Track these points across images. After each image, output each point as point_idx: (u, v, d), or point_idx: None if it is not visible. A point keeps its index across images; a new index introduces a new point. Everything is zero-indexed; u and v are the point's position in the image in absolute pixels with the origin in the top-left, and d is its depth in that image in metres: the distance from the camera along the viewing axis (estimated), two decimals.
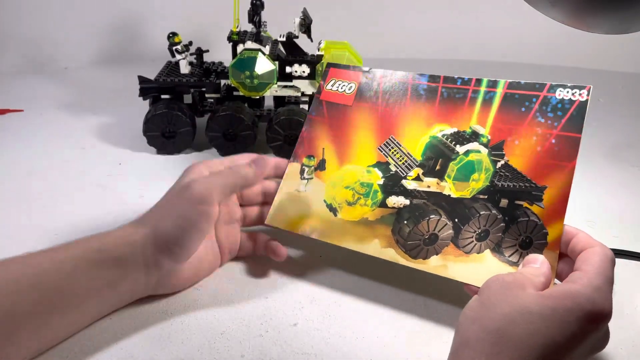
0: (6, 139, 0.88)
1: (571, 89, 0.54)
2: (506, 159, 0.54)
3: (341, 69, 0.65)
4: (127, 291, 0.51)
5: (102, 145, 0.87)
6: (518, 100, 0.55)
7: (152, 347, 0.49)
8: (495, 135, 0.55)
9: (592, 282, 0.43)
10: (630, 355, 0.50)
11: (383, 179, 0.58)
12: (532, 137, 0.54)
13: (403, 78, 0.61)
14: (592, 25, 0.53)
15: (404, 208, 0.56)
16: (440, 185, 0.56)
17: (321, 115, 0.63)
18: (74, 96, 1.06)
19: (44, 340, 0.47)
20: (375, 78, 0.63)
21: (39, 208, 0.69)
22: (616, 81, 1.23)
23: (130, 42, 1.26)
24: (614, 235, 0.67)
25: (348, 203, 0.58)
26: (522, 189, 0.53)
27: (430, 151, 0.57)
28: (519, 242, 0.52)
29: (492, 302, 0.42)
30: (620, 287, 0.58)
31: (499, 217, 0.53)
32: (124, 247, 0.50)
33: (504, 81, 0.56)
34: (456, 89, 0.58)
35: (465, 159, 0.55)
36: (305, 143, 0.62)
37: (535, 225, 0.52)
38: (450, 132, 0.57)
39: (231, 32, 0.81)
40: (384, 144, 0.59)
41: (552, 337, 0.40)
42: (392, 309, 0.55)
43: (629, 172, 0.84)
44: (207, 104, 0.86)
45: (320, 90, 0.64)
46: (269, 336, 0.51)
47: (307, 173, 0.61)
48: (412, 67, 0.62)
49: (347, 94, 0.63)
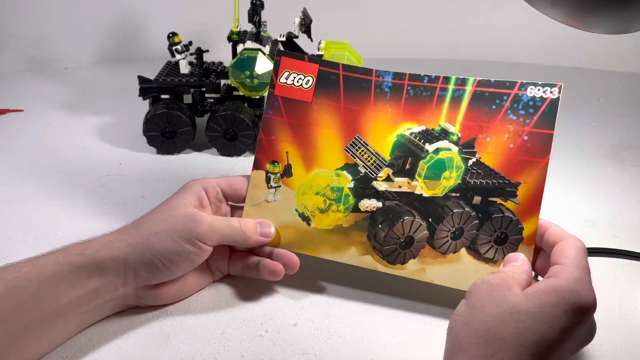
0: (6, 139, 0.88)
1: (542, 86, 0.54)
2: (478, 157, 0.54)
3: (294, 59, 0.59)
4: (108, 300, 0.50)
5: (102, 145, 0.87)
6: (488, 98, 0.55)
7: (152, 347, 0.49)
8: (465, 133, 0.55)
9: (573, 275, 0.44)
10: (630, 355, 0.50)
11: (353, 182, 0.56)
12: (504, 134, 0.54)
13: (365, 74, 0.58)
14: (592, 25, 0.53)
15: (377, 211, 0.55)
16: (411, 184, 0.55)
17: (278, 113, 0.58)
18: (74, 96, 1.06)
19: (25, 348, 0.45)
20: (334, 72, 0.58)
21: (39, 208, 0.69)
22: (616, 81, 1.23)
23: (130, 42, 1.26)
24: (614, 235, 0.67)
25: (320, 210, 0.56)
26: (496, 186, 0.53)
27: (399, 150, 0.56)
28: (494, 238, 0.53)
29: (480, 305, 0.43)
30: (620, 287, 0.58)
31: (472, 214, 0.54)
32: (105, 252, 0.49)
33: (473, 79, 0.55)
34: (423, 87, 0.56)
35: (436, 157, 0.55)
36: (266, 147, 0.58)
37: (511, 220, 0.52)
38: (418, 130, 0.56)
39: (231, 32, 0.82)
40: (350, 144, 0.57)
41: (541, 333, 0.40)
42: (392, 309, 0.55)
43: (629, 172, 0.84)
44: (207, 104, 0.86)
45: (274, 84, 0.59)
46: (269, 336, 0.51)
47: (274, 181, 0.57)
48: (413, 67, 0.62)
49: (305, 88, 0.58)
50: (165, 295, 0.53)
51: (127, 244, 0.50)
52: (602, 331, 0.52)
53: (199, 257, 0.52)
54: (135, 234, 0.50)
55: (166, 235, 0.50)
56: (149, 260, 0.49)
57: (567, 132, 0.94)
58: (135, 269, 0.49)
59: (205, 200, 0.55)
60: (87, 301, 0.48)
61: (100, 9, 1.24)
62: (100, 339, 0.49)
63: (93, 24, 1.24)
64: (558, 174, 0.80)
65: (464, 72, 0.62)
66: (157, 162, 0.82)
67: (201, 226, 0.51)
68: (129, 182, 0.76)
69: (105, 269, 0.48)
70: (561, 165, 0.83)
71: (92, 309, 0.49)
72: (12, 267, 0.46)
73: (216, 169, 0.80)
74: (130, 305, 0.52)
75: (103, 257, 0.48)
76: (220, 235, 0.52)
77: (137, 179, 0.77)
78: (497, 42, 1.34)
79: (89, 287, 0.48)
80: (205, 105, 0.86)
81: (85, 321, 0.50)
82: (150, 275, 0.50)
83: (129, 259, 0.49)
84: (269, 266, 0.55)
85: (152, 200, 0.71)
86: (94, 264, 0.48)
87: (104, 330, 0.50)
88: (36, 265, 0.46)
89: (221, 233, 0.52)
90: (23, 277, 0.45)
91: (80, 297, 0.48)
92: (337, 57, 0.80)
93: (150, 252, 0.49)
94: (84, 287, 0.48)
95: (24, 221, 0.67)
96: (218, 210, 0.57)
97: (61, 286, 0.46)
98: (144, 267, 0.50)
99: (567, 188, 0.78)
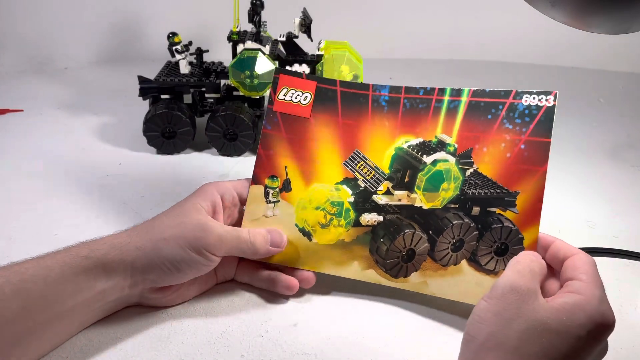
0: (6, 139, 0.88)
1: (537, 95, 0.53)
2: (475, 167, 0.54)
3: (292, 77, 0.59)
4: (113, 300, 0.50)
5: (102, 145, 0.87)
6: (484, 107, 0.54)
7: (152, 347, 0.49)
8: (462, 144, 0.55)
9: (596, 294, 0.43)
10: (630, 355, 0.50)
11: (353, 196, 0.56)
12: (500, 143, 0.53)
13: (362, 89, 0.58)
14: (592, 25, 0.53)
15: (379, 225, 0.56)
16: (411, 197, 0.55)
17: (277, 129, 0.58)
18: (74, 96, 1.06)
19: (27, 349, 0.45)
20: (332, 89, 0.59)
21: (39, 208, 0.69)
22: (616, 81, 1.23)
23: (130, 42, 1.26)
24: (614, 235, 0.67)
25: (321, 225, 0.56)
26: (494, 196, 0.53)
27: (397, 163, 0.56)
28: (494, 249, 0.53)
29: (509, 317, 0.41)
30: (620, 287, 0.58)
31: (472, 225, 0.53)
32: (113, 255, 0.48)
33: (468, 89, 0.55)
34: (419, 99, 0.56)
35: (434, 169, 0.55)
36: (265, 162, 0.58)
37: (510, 230, 0.52)
38: (415, 142, 0.56)
39: (231, 32, 0.82)
40: (349, 158, 0.57)
41: (565, 352, 0.40)
42: (392, 309, 0.55)
43: (629, 172, 0.84)
44: (207, 104, 0.86)
45: (272, 100, 0.59)
46: (269, 336, 0.51)
47: (273, 196, 0.57)
48: (413, 67, 0.62)
49: (303, 104, 0.58)
50: (169, 298, 0.53)
51: (135, 248, 0.49)
52: None
53: (207, 267, 0.52)
54: (144, 238, 0.50)
55: (175, 243, 0.50)
56: (157, 266, 0.49)
57: (567, 132, 0.94)
58: (143, 272, 0.49)
59: (219, 206, 0.55)
60: (92, 302, 0.48)
61: (100, 9, 1.24)
62: (100, 339, 0.49)
63: (93, 24, 1.24)
64: (558, 174, 0.80)
65: (464, 72, 0.62)
66: (157, 162, 0.82)
67: (210, 237, 0.51)
68: (129, 182, 0.76)
69: (113, 271, 0.48)
70: (561, 165, 0.83)
71: (96, 309, 0.49)
72: (18, 268, 0.46)
73: (216, 169, 0.80)
74: (132, 303, 0.52)
75: (111, 259, 0.48)
76: (228, 247, 0.52)
77: (137, 179, 0.77)
78: (497, 42, 1.34)
79: (95, 289, 0.48)
80: (205, 105, 0.86)
81: (88, 320, 0.50)
82: (157, 279, 0.50)
83: (137, 262, 0.49)
84: (284, 281, 0.55)
85: (152, 200, 0.71)
86: (101, 266, 0.48)
87: (104, 331, 0.50)
88: (43, 267, 0.46)
89: (230, 245, 0.52)
90: (29, 280, 0.45)
91: (86, 298, 0.48)
92: (337, 57, 0.80)
93: (158, 258, 0.49)
94: (91, 289, 0.47)
95: (24, 221, 0.67)
96: (231, 214, 0.57)
97: (68, 288, 0.46)
98: (152, 271, 0.50)
99: (567, 188, 0.78)
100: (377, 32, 1.33)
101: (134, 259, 0.49)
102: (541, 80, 1.20)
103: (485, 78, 1.23)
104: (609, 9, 0.49)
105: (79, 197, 0.72)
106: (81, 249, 0.48)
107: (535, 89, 0.54)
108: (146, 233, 0.51)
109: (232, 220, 0.57)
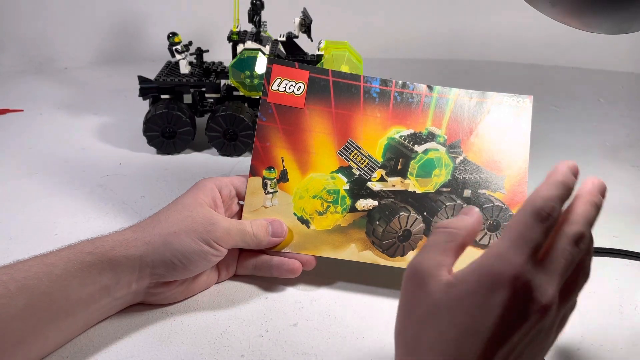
0: (6, 139, 0.88)
1: (515, 98, 0.59)
2: (464, 155, 0.58)
3: (286, 67, 0.60)
4: (118, 297, 0.50)
5: (102, 145, 0.87)
6: (470, 106, 0.59)
7: (152, 347, 0.49)
8: (451, 136, 0.59)
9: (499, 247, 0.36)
10: (629, 355, 0.50)
11: (348, 184, 0.58)
12: (485, 135, 0.59)
13: (354, 80, 0.60)
14: (592, 25, 0.53)
15: (374, 209, 0.58)
16: (404, 183, 0.58)
17: (272, 120, 0.60)
18: (74, 96, 1.06)
19: (32, 347, 0.45)
20: (324, 78, 0.60)
21: (39, 208, 0.69)
22: (616, 81, 1.23)
23: (130, 42, 1.26)
24: (614, 236, 0.67)
25: (319, 213, 0.58)
26: (483, 180, 0.58)
27: (390, 152, 0.59)
28: (487, 225, 0.57)
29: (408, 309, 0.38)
30: (620, 287, 0.58)
31: (464, 206, 0.56)
32: (119, 251, 0.49)
33: (457, 90, 0.59)
34: (409, 94, 0.59)
35: (425, 157, 0.58)
36: (261, 153, 0.59)
37: (501, 209, 0.57)
38: (407, 133, 0.59)
39: (231, 32, 0.82)
40: (343, 147, 0.59)
41: (465, 329, 0.34)
42: (392, 309, 0.54)
43: (629, 172, 0.84)
44: (207, 104, 0.86)
45: (266, 91, 0.60)
46: (269, 336, 0.51)
47: (271, 186, 0.59)
48: (413, 67, 0.62)
49: (297, 95, 0.60)
50: (174, 291, 0.53)
51: (143, 243, 0.50)
52: (602, 331, 0.52)
53: (217, 258, 0.53)
54: (152, 233, 0.51)
55: (186, 235, 0.51)
56: (168, 260, 0.50)
57: (567, 132, 0.94)
58: (152, 267, 0.50)
59: (218, 199, 0.56)
60: (97, 299, 0.48)
61: (100, 9, 1.24)
62: (100, 339, 0.49)
63: (93, 24, 1.24)
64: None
65: (464, 72, 0.62)
66: (157, 162, 0.82)
67: (219, 230, 0.52)
68: (129, 182, 0.76)
69: (119, 266, 0.49)
70: None
71: (101, 306, 0.49)
72: (21, 266, 0.46)
73: (216, 169, 0.80)
74: (137, 301, 0.53)
75: (117, 255, 0.49)
76: (235, 240, 0.53)
77: (137, 179, 0.77)
78: (497, 42, 1.34)
79: (100, 284, 0.48)
80: (205, 105, 0.86)
81: (92, 320, 0.50)
82: (166, 273, 0.51)
83: (146, 257, 0.49)
84: (287, 264, 0.56)
85: (152, 200, 0.71)
86: (106, 261, 0.48)
87: (104, 331, 0.50)
88: (46, 264, 0.46)
89: (236, 238, 0.53)
90: (33, 277, 0.45)
91: (91, 294, 0.48)
92: (337, 57, 0.80)
93: (169, 252, 0.50)
94: (96, 284, 0.48)
95: (24, 221, 0.67)
96: (229, 208, 0.58)
97: (72, 284, 0.46)
98: (162, 265, 0.50)
99: None
100: (377, 32, 1.33)
101: (143, 253, 0.49)
102: (541, 80, 1.20)
103: (486, 78, 1.23)
104: (609, 9, 0.49)
105: (79, 197, 0.72)
106: (85, 246, 0.49)
107: (535, 88, 0.55)
108: (153, 228, 0.51)
109: (231, 214, 0.58)
